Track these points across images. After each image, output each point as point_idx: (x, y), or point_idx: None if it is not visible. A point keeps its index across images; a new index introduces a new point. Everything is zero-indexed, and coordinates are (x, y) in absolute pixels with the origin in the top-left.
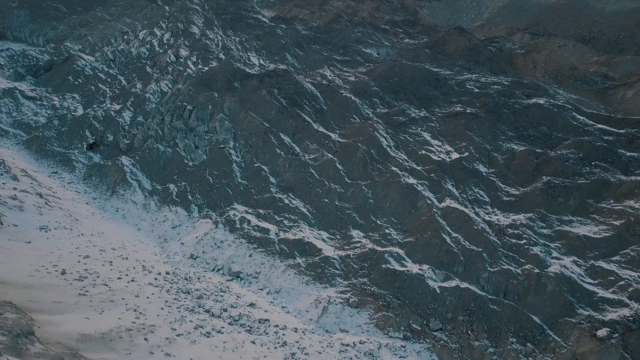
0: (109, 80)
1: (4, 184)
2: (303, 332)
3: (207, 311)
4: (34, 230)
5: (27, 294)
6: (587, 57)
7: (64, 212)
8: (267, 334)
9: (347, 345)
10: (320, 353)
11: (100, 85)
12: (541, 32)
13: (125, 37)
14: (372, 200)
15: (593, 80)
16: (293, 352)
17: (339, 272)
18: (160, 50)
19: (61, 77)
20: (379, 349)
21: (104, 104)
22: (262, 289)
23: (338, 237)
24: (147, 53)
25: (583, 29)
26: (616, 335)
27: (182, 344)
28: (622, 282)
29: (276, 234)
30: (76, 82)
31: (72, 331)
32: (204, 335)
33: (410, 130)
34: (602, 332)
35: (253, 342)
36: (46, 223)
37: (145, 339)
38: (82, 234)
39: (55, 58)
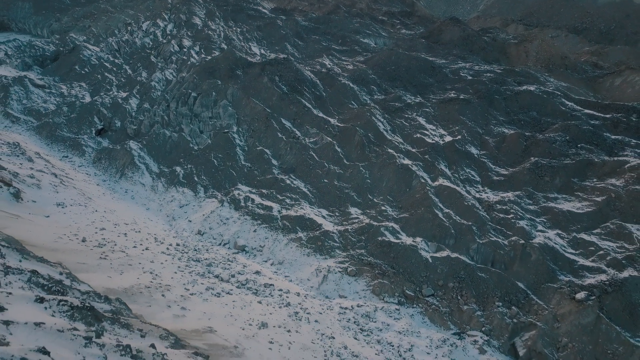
0: (114, 69)
1: (21, 164)
2: (305, 296)
3: (217, 276)
4: (51, 206)
5: (55, 256)
6: (579, 47)
7: (78, 191)
8: (272, 296)
9: (346, 308)
10: (320, 314)
11: (106, 74)
12: (535, 23)
13: (129, 28)
14: (369, 180)
15: (583, 69)
16: (296, 312)
17: (338, 244)
18: (164, 41)
19: (68, 67)
20: (375, 311)
21: (111, 92)
22: (266, 261)
23: (337, 214)
24: (150, 43)
25: (575, 20)
26: (593, 297)
27: (196, 301)
28: (601, 252)
29: (279, 211)
30: (83, 72)
31: (98, 286)
32: (215, 295)
33: (406, 115)
34: (580, 295)
35: (259, 302)
36: (62, 200)
37: (163, 295)
38: (96, 211)
39: (61, 48)
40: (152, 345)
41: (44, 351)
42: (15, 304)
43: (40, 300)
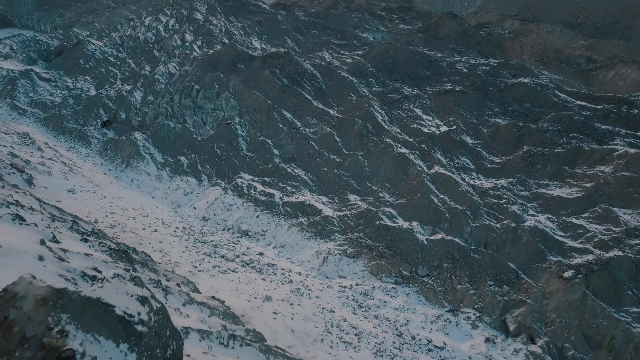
0: (118, 63)
1: (31, 153)
2: (306, 276)
3: (222, 256)
4: (62, 192)
5: None
6: (574, 42)
7: (86, 178)
8: (275, 274)
9: (345, 287)
10: (321, 291)
11: (110, 67)
12: (531, 19)
13: (132, 23)
14: (367, 169)
15: (577, 62)
16: (298, 288)
17: (337, 228)
18: (166, 35)
19: (72, 61)
20: (372, 290)
21: (115, 85)
22: (268, 244)
23: (336, 200)
24: (153, 38)
25: (570, 15)
26: (580, 276)
27: (204, 277)
28: (589, 234)
29: (280, 198)
30: (87, 66)
31: None
32: (221, 272)
33: (403, 107)
34: (568, 274)
35: (263, 279)
36: (72, 187)
37: (172, 271)
38: (105, 197)
39: (65, 43)
40: (178, 284)
41: (97, 270)
42: (66, 240)
43: (85, 240)
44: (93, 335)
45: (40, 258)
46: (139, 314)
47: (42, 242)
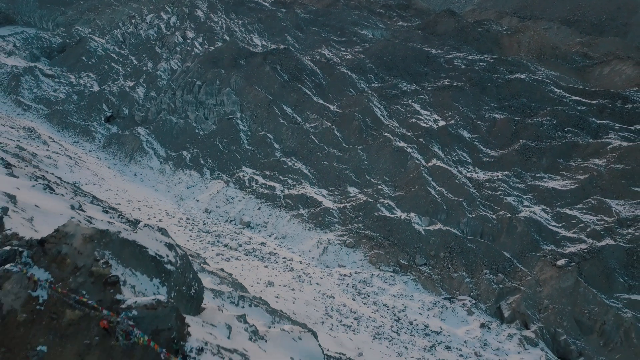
0: (121, 60)
1: (37, 146)
2: (307, 264)
3: (225, 245)
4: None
5: None
6: (571, 39)
7: (91, 172)
8: (276, 262)
9: (345, 275)
10: (321, 278)
11: (113, 64)
12: (528, 16)
13: (133, 20)
14: (366, 162)
15: (573, 59)
16: (299, 275)
17: (337, 220)
18: (168, 33)
19: (75, 58)
20: (371, 278)
21: (118, 81)
22: (270, 235)
23: (336, 193)
24: (155, 35)
25: (567, 13)
26: (573, 264)
27: (208, 263)
28: (582, 224)
29: (281, 190)
30: (90, 62)
31: None
32: (225, 260)
33: (402, 102)
34: (561, 262)
35: (265, 267)
36: (78, 179)
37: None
38: (110, 189)
39: (68, 40)
40: (190, 255)
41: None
42: (89, 210)
43: (106, 212)
44: (131, 270)
45: (73, 219)
46: (167, 256)
47: (72, 208)
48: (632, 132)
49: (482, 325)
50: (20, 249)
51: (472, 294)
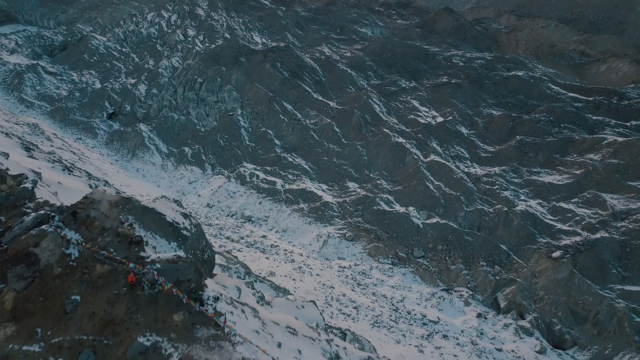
0: (122, 57)
1: (42, 142)
2: (307, 257)
3: (227, 238)
4: None
5: None
6: (568, 37)
7: (95, 167)
8: (277, 254)
9: (344, 267)
10: (321, 270)
11: (114, 62)
12: (527, 14)
13: (134, 19)
14: (366, 157)
15: (570, 56)
16: (300, 266)
17: (337, 214)
18: (169, 31)
19: (77, 56)
20: (370, 270)
21: (120, 79)
22: (271, 229)
23: (336, 188)
24: (156, 33)
25: (565, 11)
26: (567, 255)
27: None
28: (577, 218)
29: (282, 185)
30: (91, 60)
31: None
32: (227, 251)
33: (401, 99)
34: (556, 254)
35: (267, 258)
36: None
37: None
38: (113, 184)
39: (69, 39)
40: None
41: None
42: (106, 190)
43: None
44: (151, 233)
45: (98, 188)
46: (183, 223)
47: (90, 187)
48: (628, 128)
49: (479, 316)
50: (52, 214)
51: (469, 285)
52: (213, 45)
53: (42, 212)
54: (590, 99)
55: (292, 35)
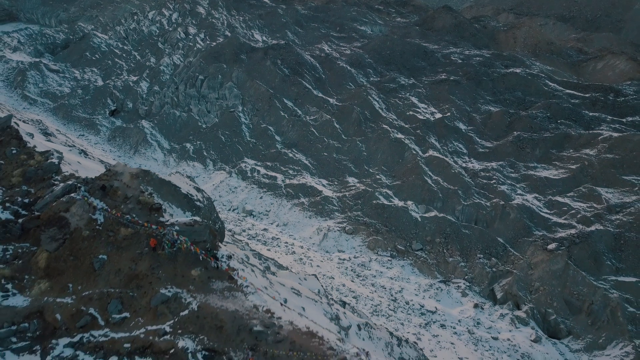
0: (124, 55)
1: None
2: (307, 249)
3: (229, 230)
4: None
5: None
6: (566, 34)
7: (97, 163)
8: (279, 246)
9: (344, 259)
10: (322, 262)
11: (116, 59)
12: (525, 12)
13: (135, 17)
14: (365, 153)
15: (568, 54)
16: (300, 258)
17: (337, 208)
18: (170, 29)
19: (78, 54)
20: (369, 262)
21: (122, 76)
22: (272, 223)
23: (336, 183)
24: (157, 31)
25: (563, 9)
26: (563, 248)
27: None
28: (572, 211)
29: (282, 180)
30: (93, 58)
31: None
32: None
33: (400, 95)
34: (551, 246)
35: (268, 250)
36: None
37: None
38: None
39: (71, 37)
40: None
41: None
42: None
43: None
44: (168, 203)
45: (119, 163)
46: (196, 195)
47: (106, 167)
48: (624, 124)
49: (476, 306)
50: (79, 185)
51: (466, 277)
52: (214, 43)
53: (70, 182)
54: (587, 95)
55: (292, 33)
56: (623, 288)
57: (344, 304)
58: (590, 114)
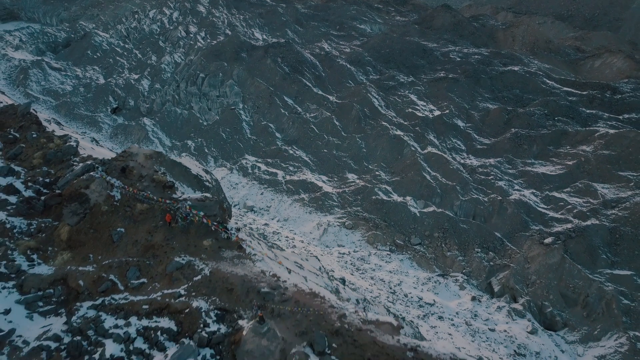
0: (125, 53)
1: None
2: (308, 243)
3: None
4: None
5: None
6: (564, 33)
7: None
8: (279, 240)
9: (344, 253)
10: (322, 255)
11: (118, 58)
12: (524, 11)
13: (136, 16)
14: (364, 150)
15: (566, 52)
16: (301, 252)
17: (337, 203)
18: (171, 27)
19: (80, 52)
20: (369, 256)
21: (123, 74)
22: (273, 218)
23: (336, 179)
24: (158, 30)
25: (562, 8)
26: (559, 242)
27: None
28: (569, 206)
29: (283, 177)
30: (95, 56)
31: None
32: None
33: (399, 93)
34: (548, 240)
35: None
36: None
37: None
38: None
39: (72, 35)
40: None
41: None
42: None
43: None
44: (179, 182)
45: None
46: (205, 176)
47: (117, 154)
48: (620, 121)
49: (473, 299)
50: (96, 165)
51: (464, 271)
52: (214, 42)
53: (89, 162)
54: (584, 93)
55: (292, 32)
56: (618, 281)
57: (343, 280)
58: (587, 111)
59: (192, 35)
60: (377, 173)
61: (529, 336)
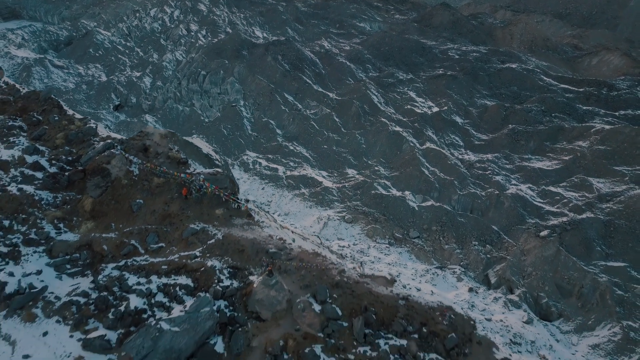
0: (127, 52)
1: None
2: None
3: None
4: None
5: None
6: (562, 31)
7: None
8: None
9: (343, 246)
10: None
11: (119, 56)
12: (522, 9)
13: (137, 14)
14: (364, 146)
15: (564, 50)
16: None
17: (337, 198)
18: (172, 26)
19: (82, 50)
20: (368, 249)
21: (125, 72)
22: (274, 213)
23: (335, 174)
24: (159, 28)
25: (560, 6)
26: (555, 234)
27: None
28: (565, 200)
29: (284, 172)
30: (97, 54)
31: None
32: None
33: (398, 90)
34: (544, 233)
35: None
36: None
37: None
38: None
39: (74, 34)
40: None
41: None
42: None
43: None
44: (192, 160)
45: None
46: (215, 156)
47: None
48: (616, 117)
49: (470, 290)
50: (115, 144)
51: (461, 263)
52: (215, 40)
53: (109, 141)
54: (581, 90)
55: (293, 30)
56: (612, 272)
57: (342, 257)
58: (584, 107)
59: (193, 34)
60: (376, 168)
61: (524, 326)
